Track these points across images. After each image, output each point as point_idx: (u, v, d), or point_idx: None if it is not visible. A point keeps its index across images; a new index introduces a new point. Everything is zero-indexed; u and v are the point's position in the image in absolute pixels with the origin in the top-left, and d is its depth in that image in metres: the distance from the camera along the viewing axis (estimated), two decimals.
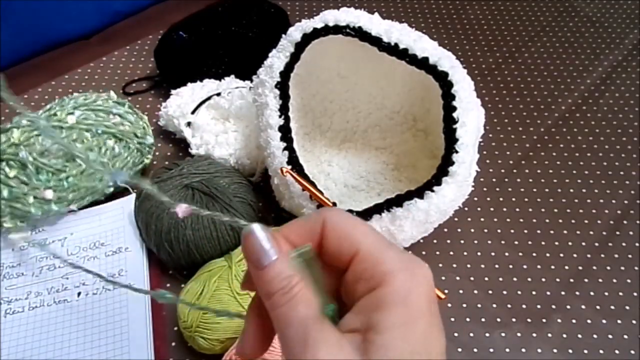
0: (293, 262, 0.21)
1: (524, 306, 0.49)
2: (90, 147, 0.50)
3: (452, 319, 0.48)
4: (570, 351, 0.46)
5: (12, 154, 0.48)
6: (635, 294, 0.50)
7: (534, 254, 0.53)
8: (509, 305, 0.49)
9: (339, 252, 0.21)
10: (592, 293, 0.50)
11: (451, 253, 0.52)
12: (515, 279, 0.51)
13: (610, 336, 0.47)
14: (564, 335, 0.47)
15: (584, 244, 0.54)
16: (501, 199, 0.58)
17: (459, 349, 0.46)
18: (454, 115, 0.44)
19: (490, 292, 0.50)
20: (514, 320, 0.48)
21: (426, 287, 0.20)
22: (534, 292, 0.50)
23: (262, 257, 0.20)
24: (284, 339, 0.20)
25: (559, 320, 0.48)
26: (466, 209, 0.54)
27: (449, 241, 0.53)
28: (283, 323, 0.20)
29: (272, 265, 0.20)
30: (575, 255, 0.53)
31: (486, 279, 0.51)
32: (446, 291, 0.48)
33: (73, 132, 0.49)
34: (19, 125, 0.49)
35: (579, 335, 0.47)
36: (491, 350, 0.46)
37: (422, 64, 0.45)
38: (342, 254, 0.21)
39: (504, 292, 0.50)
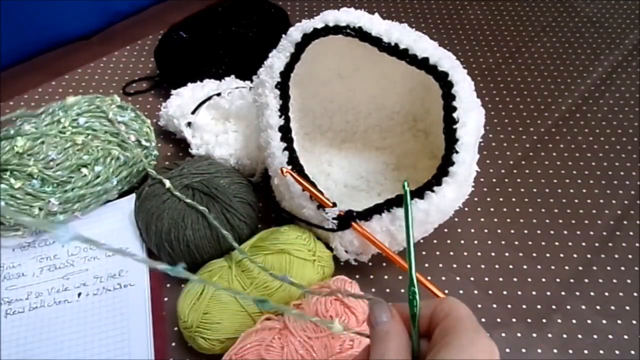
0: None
1: (524, 306, 0.49)
2: (96, 158, 0.50)
3: None
4: (571, 351, 0.46)
5: (17, 165, 0.46)
6: (635, 294, 0.50)
7: (534, 254, 0.53)
8: (509, 306, 0.49)
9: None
10: (592, 293, 0.50)
11: (451, 253, 0.52)
12: (515, 279, 0.51)
13: (610, 336, 0.47)
14: (564, 336, 0.47)
15: (584, 244, 0.54)
16: (501, 199, 0.58)
17: None
18: (454, 115, 0.44)
19: (490, 292, 0.50)
20: (514, 320, 0.48)
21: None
22: (534, 292, 0.50)
23: (379, 319, 0.28)
24: None
25: (559, 321, 0.48)
26: (466, 209, 0.54)
27: (449, 241, 0.53)
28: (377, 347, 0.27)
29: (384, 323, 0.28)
30: (575, 256, 0.53)
31: (486, 279, 0.51)
32: (446, 291, 0.47)
33: (79, 142, 0.49)
34: (22, 132, 0.48)
35: (579, 336, 0.47)
36: None
37: (422, 64, 0.45)
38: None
39: (504, 292, 0.50)
